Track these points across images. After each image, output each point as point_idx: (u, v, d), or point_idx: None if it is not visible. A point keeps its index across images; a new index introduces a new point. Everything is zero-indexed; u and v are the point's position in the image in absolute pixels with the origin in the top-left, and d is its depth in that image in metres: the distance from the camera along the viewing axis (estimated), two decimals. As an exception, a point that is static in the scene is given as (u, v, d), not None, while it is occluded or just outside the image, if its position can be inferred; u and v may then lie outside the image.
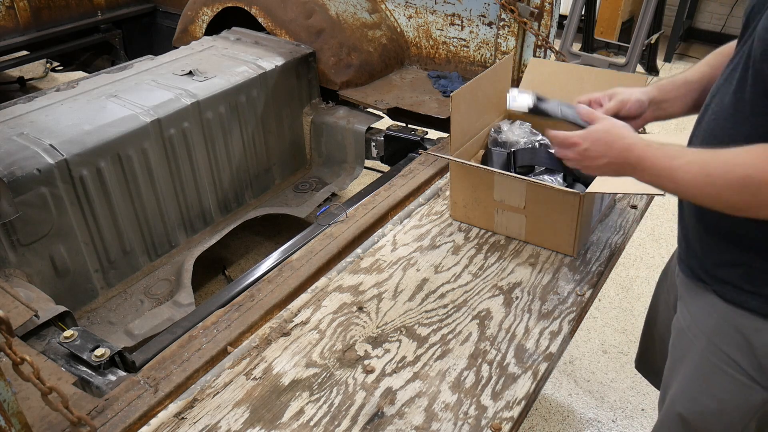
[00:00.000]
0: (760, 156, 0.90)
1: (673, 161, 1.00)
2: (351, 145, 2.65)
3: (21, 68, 4.09)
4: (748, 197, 0.91)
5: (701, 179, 0.96)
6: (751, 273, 1.06)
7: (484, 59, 2.65)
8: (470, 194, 1.72)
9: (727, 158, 0.93)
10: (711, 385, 1.17)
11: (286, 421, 1.21)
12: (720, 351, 1.13)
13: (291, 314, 1.47)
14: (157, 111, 2.13)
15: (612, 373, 2.46)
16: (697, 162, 0.97)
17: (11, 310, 1.47)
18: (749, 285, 1.06)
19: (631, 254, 3.11)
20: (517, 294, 1.52)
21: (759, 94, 0.95)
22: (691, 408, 1.21)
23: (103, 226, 2.03)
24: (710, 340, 1.15)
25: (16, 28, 3.25)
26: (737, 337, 1.10)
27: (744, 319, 1.08)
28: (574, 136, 1.20)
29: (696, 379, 1.20)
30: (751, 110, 0.97)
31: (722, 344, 1.12)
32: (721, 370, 1.13)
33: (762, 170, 0.89)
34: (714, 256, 1.12)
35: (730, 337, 1.11)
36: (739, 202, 0.93)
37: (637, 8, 5.17)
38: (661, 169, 1.02)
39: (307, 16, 2.71)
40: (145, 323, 1.95)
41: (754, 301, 1.06)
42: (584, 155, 1.17)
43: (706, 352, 1.15)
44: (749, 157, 0.91)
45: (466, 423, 1.20)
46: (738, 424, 1.16)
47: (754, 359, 1.09)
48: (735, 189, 0.92)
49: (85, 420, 1.13)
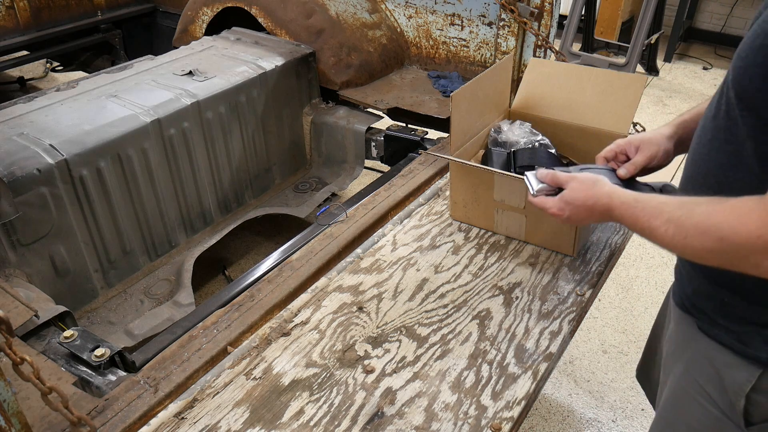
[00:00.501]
0: (730, 216, 0.88)
1: (652, 221, 1.00)
2: (351, 145, 2.65)
3: (21, 68, 4.10)
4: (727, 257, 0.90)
5: (679, 241, 0.95)
6: (724, 307, 1.05)
7: (484, 59, 2.65)
8: (470, 194, 1.72)
9: (700, 220, 0.92)
10: (685, 414, 1.15)
11: (286, 421, 1.21)
12: (695, 381, 1.12)
13: (291, 314, 1.47)
14: (157, 111, 2.13)
15: (612, 373, 2.46)
16: (673, 222, 0.96)
17: (11, 310, 1.47)
18: (722, 319, 1.05)
19: (631, 254, 3.11)
20: (517, 294, 1.52)
21: (733, 123, 0.95)
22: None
23: (103, 226, 2.03)
24: (687, 369, 1.14)
25: (16, 28, 3.25)
26: (710, 370, 1.08)
27: (717, 353, 1.06)
28: (553, 207, 1.25)
29: (672, 406, 1.19)
30: (725, 138, 0.97)
31: (697, 375, 1.11)
32: (696, 400, 1.12)
33: (734, 232, 0.87)
34: (693, 284, 1.11)
35: (704, 369, 1.10)
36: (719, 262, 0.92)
37: (637, 8, 5.17)
38: (642, 229, 1.03)
39: (307, 16, 2.71)
40: (145, 323, 1.95)
41: (726, 335, 1.05)
42: (569, 220, 1.22)
43: (682, 380, 1.15)
44: (720, 217, 0.89)
45: (466, 423, 1.20)
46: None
47: (725, 395, 1.07)
48: (712, 252, 0.91)
49: (85, 420, 1.13)
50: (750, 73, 0.89)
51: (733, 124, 0.95)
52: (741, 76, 0.91)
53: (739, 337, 1.03)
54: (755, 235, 0.84)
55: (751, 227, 0.84)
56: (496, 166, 1.69)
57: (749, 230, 0.84)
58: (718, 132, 0.99)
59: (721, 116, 0.98)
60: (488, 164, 1.72)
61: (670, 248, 0.99)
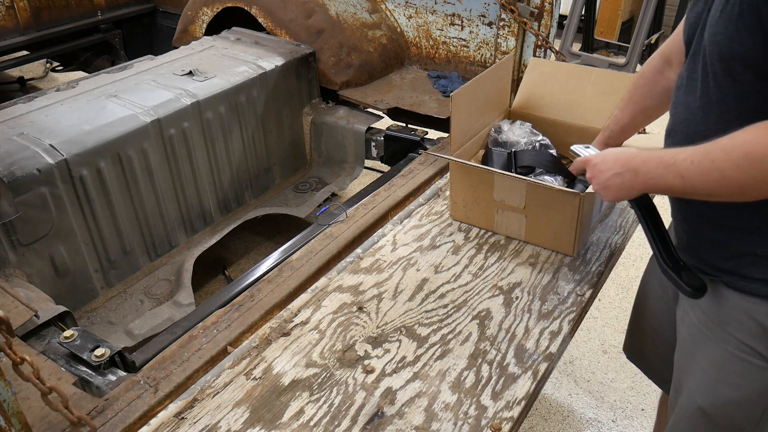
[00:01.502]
0: (758, 132, 0.94)
1: (677, 156, 1.05)
2: (351, 145, 2.65)
3: (21, 68, 4.09)
4: (753, 173, 0.95)
5: (706, 165, 0.99)
6: (757, 261, 1.09)
7: (484, 59, 2.65)
8: (470, 194, 1.72)
9: (726, 141, 0.98)
10: (728, 375, 1.18)
11: (286, 421, 1.21)
12: (735, 339, 1.15)
13: (291, 314, 1.47)
14: (157, 111, 2.13)
15: (612, 373, 2.46)
16: (699, 152, 1.01)
17: (11, 310, 1.47)
18: (758, 273, 1.09)
19: (631, 254, 3.11)
20: (517, 294, 1.52)
21: (725, 92, 1.02)
22: (711, 400, 1.23)
23: (103, 226, 2.03)
24: (724, 329, 1.16)
25: (16, 28, 3.25)
26: (751, 323, 1.12)
27: (756, 306, 1.10)
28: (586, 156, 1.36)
29: (713, 371, 1.21)
30: (721, 109, 1.04)
31: (736, 332, 1.14)
32: (737, 357, 1.15)
33: (761, 144, 0.93)
34: (718, 250, 1.15)
35: (743, 325, 1.13)
36: (745, 181, 0.96)
37: (637, 8, 5.16)
38: (667, 166, 1.06)
39: (307, 16, 2.71)
40: (145, 323, 1.95)
41: (764, 287, 1.09)
42: (595, 170, 1.26)
43: (721, 342, 1.17)
44: (747, 135, 0.95)
45: (466, 423, 1.20)
46: (758, 409, 1.18)
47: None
48: (738, 168, 0.95)
49: (85, 420, 1.13)
50: (738, 38, 0.95)
51: (725, 95, 1.02)
52: (727, 47, 0.97)
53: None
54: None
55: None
56: (496, 166, 1.69)
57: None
58: (712, 106, 1.05)
59: (712, 93, 1.04)
60: (488, 164, 1.72)
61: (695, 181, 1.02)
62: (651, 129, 1.63)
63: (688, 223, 1.21)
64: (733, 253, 1.12)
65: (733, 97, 1.02)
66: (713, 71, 1.04)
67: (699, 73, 1.08)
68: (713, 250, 1.16)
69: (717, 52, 1.01)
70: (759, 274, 1.09)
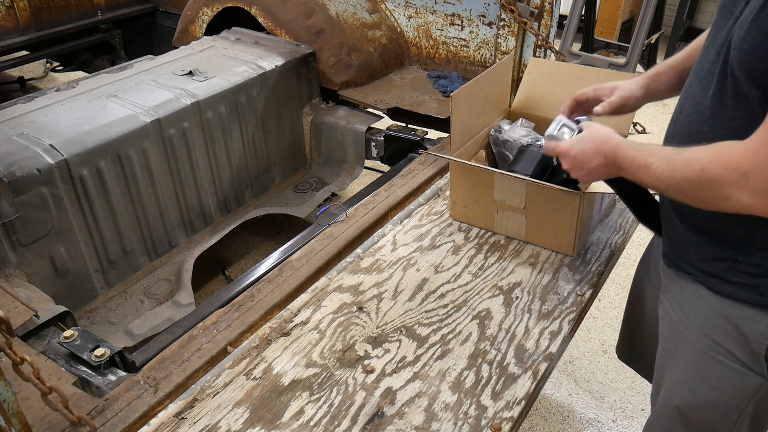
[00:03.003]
0: (715, 152, 0.97)
1: (649, 158, 1.08)
2: (351, 145, 2.65)
3: (21, 68, 4.10)
4: (704, 190, 0.98)
5: (667, 173, 1.03)
6: (736, 266, 1.09)
7: (484, 59, 2.65)
8: (470, 194, 1.72)
9: (689, 155, 1.01)
10: (706, 376, 1.18)
11: (286, 421, 1.21)
12: (712, 341, 1.15)
13: (291, 314, 1.47)
14: (157, 111, 2.13)
15: (612, 373, 2.47)
16: (666, 159, 1.05)
17: (11, 310, 1.47)
18: (736, 277, 1.09)
19: (631, 254, 3.10)
20: (517, 294, 1.52)
21: (742, 100, 1.00)
22: (688, 400, 1.23)
23: (103, 226, 2.03)
24: (701, 331, 1.16)
25: (16, 28, 3.25)
26: (728, 326, 1.12)
27: (734, 310, 1.10)
28: (563, 145, 1.30)
29: (690, 371, 1.21)
30: (732, 114, 1.02)
31: (713, 334, 1.14)
32: (715, 359, 1.15)
33: (715, 165, 0.95)
34: (699, 251, 1.15)
35: (720, 327, 1.13)
36: (696, 195, 1.01)
37: (637, 8, 5.17)
38: (639, 166, 1.10)
39: (307, 16, 2.71)
40: (145, 323, 1.95)
41: (742, 291, 1.09)
42: (575, 161, 1.25)
43: (699, 343, 1.17)
44: (706, 153, 0.98)
45: (466, 423, 1.20)
46: (734, 411, 1.18)
47: (746, 346, 1.11)
48: (692, 182, 0.99)
49: (85, 420, 1.13)
50: (759, 54, 0.93)
51: (742, 100, 0.99)
52: (749, 58, 0.95)
53: (756, 290, 1.07)
54: (731, 168, 0.93)
55: (729, 160, 0.94)
56: (526, 165, 1.63)
57: (726, 163, 0.94)
58: (724, 109, 1.03)
59: (728, 94, 1.02)
60: (515, 163, 1.66)
61: (659, 184, 1.07)
62: (651, 129, 1.63)
63: (673, 221, 1.21)
64: (714, 257, 1.12)
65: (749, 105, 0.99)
66: (733, 76, 0.99)
67: (718, 70, 1.03)
68: (694, 250, 1.16)
69: (737, 58, 0.97)
70: (738, 278, 1.09)
